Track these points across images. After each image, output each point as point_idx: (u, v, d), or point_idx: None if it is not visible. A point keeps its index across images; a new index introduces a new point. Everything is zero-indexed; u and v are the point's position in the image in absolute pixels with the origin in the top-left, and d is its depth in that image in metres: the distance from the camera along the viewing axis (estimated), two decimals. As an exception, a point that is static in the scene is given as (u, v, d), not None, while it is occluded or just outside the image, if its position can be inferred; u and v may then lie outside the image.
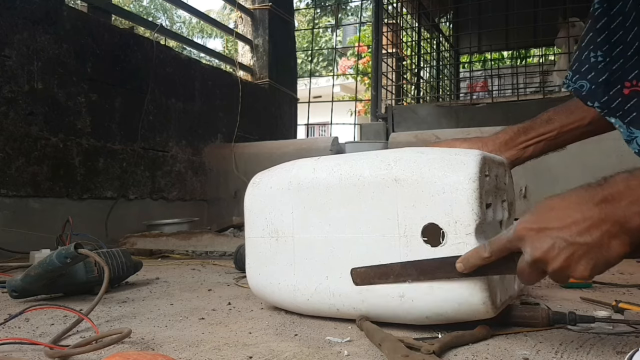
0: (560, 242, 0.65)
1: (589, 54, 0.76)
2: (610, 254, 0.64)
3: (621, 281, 1.39)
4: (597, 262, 0.64)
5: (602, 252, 0.64)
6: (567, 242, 0.64)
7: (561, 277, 0.68)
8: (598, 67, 0.75)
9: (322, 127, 10.92)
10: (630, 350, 0.67)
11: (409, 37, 5.56)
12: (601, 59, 0.74)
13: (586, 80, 0.76)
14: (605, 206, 0.63)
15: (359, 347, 0.78)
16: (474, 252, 0.75)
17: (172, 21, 14.63)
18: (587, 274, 0.65)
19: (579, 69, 0.77)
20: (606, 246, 0.63)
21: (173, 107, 2.94)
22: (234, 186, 3.05)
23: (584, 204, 0.64)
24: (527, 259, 0.68)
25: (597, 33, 0.75)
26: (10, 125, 2.05)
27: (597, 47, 0.75)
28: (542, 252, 0.66)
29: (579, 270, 0.65)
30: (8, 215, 2.03)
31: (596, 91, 0.75)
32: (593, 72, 0.75)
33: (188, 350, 0.78)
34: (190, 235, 2.17)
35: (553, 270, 0.66)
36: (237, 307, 1.10)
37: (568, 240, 0.64)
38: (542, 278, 0.71)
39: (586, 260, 0.64)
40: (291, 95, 4.26)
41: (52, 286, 1.18)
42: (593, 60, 0.75)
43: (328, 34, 11.71)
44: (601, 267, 0.65)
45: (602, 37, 0.74)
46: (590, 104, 0.76)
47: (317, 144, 3.05)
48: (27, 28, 2.13)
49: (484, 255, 0.73)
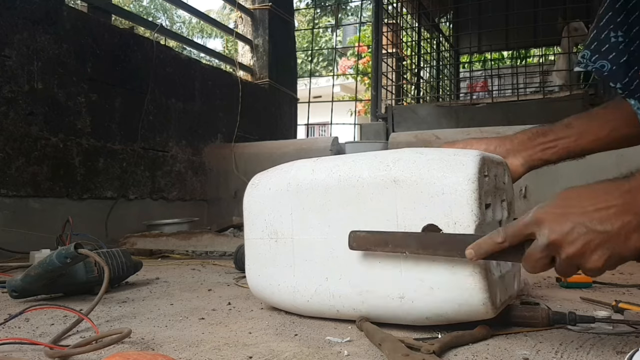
0: (580, 228, 0.63)
1: (609, 33, 0.74)
2: (627, 247, 0.62)
3: (621, 281, 1.39)
4: (612, 254, 0.62)
5: (620, 244, 0.62)
6: (588, 229, 0.62)
7: (570, 267, 0.66)
8: (619, 48, 0.73)
9: (322, 127, 10.92)
10: (630, 350, 0.67)
11: (409, 37, 5.57)
12: (621, 39, 0.73)
13: (607, 60, 0.74)
14: (629, 197, 0.62)
15: (359, 347, 0.78)
16: (487, 238, 0.71)
17: (172, 21, 14.63)
18: (600, 265, 0.63)
19: (599, 49, 0.75)
20: (624, 238, 0.61)
21: (173, 107, 2.94)
22: (234, 186, 3.05)
23: (609, 194, 0.63)
24: (542, 242, 0.65)
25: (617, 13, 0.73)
26: (10, 125, 2.05)
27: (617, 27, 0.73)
28: (561, 235, 0.64)
29: (592, 260, 0.63)
30: (8, 215, 2.03)
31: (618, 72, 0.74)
32: (614, 53, 0.74)
33: (188, 350, 0.78)
34: (190, 235, 2.18)
35: (567, 256, 0.64)
36: (237, 307, 1.10)
37: (588, 227, 0.62)
38: (549, 268, 0.68)
39: (602, 251, 0.63)
40: (291, 95, 4.26)
41: (52, 286, 1.18)
42: (614, 41, 0.74)
43: (328, 34, 11.71)
44: (615, 260, 0.63)
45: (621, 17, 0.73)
46: (613, 84, 0.75)
47: (317, 144, 3.06)
48: (27, 28, 2.13)
49: (498, 240, 0.70)
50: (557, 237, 0.64)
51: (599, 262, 0.63)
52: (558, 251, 0.65)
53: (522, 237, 0.69)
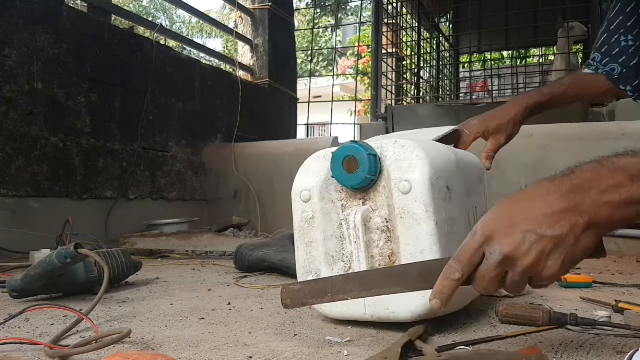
0: (530, 236, 0.59)
1: (619, 37, 0.76)
2: (578, 248, 0.60)
3: (621, 281, 1.40)
4: (567, 257, 0.60)
5: (571, 245, 0.59)
6: (538, 236, 0.59)
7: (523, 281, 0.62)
8: (629, 52, 0.75)
9: (322, 127, 10.92)
10: (630, 350, 0.67)
11: (409, 37, 5.57)
12: (632, 43, 0.75)
13: (617, 64, 0.76)
14: (574, 197, 0.59)
15: (359, 347, 0.78)
16: (444, 280, 0.64)
17: (172, 21, 14.63)
18: (556, 270, 0.60)
19: (609, 52, 0.77)
20: (575, 239, 0.59)
21: (173, 107, 2.94)
22: (234, 186, 3.05)
23: (551, 195, 0.60)
24: (495, 259, 0.61)
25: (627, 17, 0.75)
26: (10, 125, 2.05)
27: (628, 31, 0.75)
28: (513, 248, 0.60)
29: (548, 267, 0.60)
30: (8, 215, 2.03)
31: (628, 75, 0.76)
32: (624, 56, 0.76)
33: (188, 350, 0.78)
34: (190, 235, 2.18)
35: (524, 268, 0.60)
36: (237, 307, 1.10)
37: (539, 234, 0.59)
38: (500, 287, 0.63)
39: (556, 256, 0.60)
40: (291, 95, 4.25)
41: (52, 286, 1.18)
42: (624, 44, 0.75)
43: (328, 34, 11.71)
44: (569, 263, 0.60)
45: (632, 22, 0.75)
46: (623, 87, 0.77)
47: (317, 144, 3.05)
48: (27, 28, 2.13)
49: (456, 277, 0.63)
50: (509, 250, 0.60)
51: (555, 267, 0.60)
52: (513, 265, 0.61)
53: (477, 262, 0.63)
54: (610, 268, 1.72)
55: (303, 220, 0.93)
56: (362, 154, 0.85)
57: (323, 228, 0.91)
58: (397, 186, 0.85)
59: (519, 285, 0.62)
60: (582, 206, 0.58)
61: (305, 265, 0.93)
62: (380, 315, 0.87)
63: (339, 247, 0.91)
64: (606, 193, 0.58)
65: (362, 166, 0.85)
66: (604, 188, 0.58)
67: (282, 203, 2.92)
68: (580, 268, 1.71)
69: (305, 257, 0.94)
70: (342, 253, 0.91)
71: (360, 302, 0.88)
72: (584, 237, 0.59)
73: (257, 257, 1.60)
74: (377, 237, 0.87)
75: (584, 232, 0.59)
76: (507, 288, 0.63)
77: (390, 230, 0.87)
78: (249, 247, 1.65)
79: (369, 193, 0.88)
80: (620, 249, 2.18)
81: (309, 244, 0.93)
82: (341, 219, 0.90)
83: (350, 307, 0.89)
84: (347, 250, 0.90)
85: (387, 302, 0.85)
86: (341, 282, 0.75)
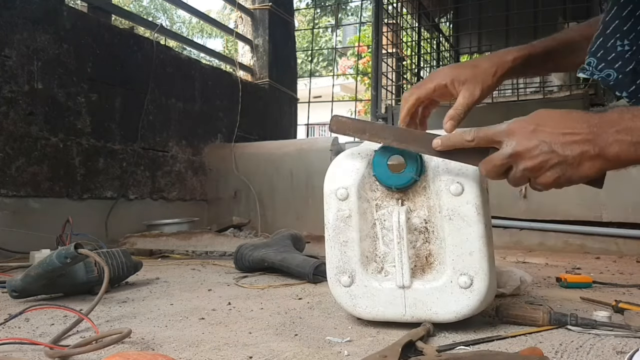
0: (543, 146, 0.69)
1: (615, 42, 0.75)
2: (577, 173, 0.69)
3: (621, 281, 1.40)
4: (563, 175, 0.69)
5: (572, 169, 0.69)
6: (550, 149, 0.69)
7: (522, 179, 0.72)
8: (625, 57, 0.74)
9: (322, 127, 10.92)
10: (630, 350, 0.67)
11: (409, 37, 5.56)
12: (628, 48, 0.74)
13: (613, 69, 0.76)
14: (595, 130, 0.67)
15: (359, 347, 0.78)
16: (457, 134, 0.77)
17: (172, 21, 14.63)
18: (549, 182, 0.70)
19: (605, 57, 0.76)
20: (578, 164, 0.68)
21: (173, 107, 2.93)
22: (234, 186, 3.05)
23: (578, 122, 0.68)
24: (507, 151, 0.71)
25: (624, 21, 0.74)
26: (10, 125, 2.05)
27: (624, 35, 0.74)
28: (525, 149, 0.70)
29: (544, 176, 0.70)
30: (8, 215, 2.03)
31: (624, 80, 0.75)
32: (620, 61, 0.75)
33: (188, 350, 0.78)
34: (190, 235, 2.17)
35: (524, 167, 0.70)
36: (237, 307, 1.10)
37: (551, 147, 0.68)
38: (503, 177, 0.74)
39: (555, 170, 0.69)
40: (291, 95, 4.25)
41: (52, 286, 1.18)
42: (620, 49, 0.75)
43: (328, 34, 11.71)
44: (563, 181, 0.70)
45: (628, 25, 0.74)
46: (619, 93, 0.76)
47: (317, 144, 3.05)
48: (27, 28, 2.13)
49: (467, 138, 0.75)
50: (521, 149, 0.70)
51: (549, 179, 0.70)
52: (517, 162, 0.71)
53: (489, 143, 0.74)
54: (610, 268, 1.72)
55: (339, 218, 0.91)
56: (410, 153, 0.86)
57: (359, 227, 0.90)
58: (447, 187, 0.85)
59: (517, 180, 0.73)
60: (598, 139, 0.66)
61: (339, 265, 0.91)
62: (421, 316, 0.86)
63: (372, 247, 0.90)
64: (621, 132, 0.66)
65: (409, 166, 0.86)
66: (621, 128, 0.66)
67: (282, 203, 2.93)
68: (581, 268, 1.71)
69: (340, 256, 0.91)
70: (374, 253, 0.90)
71: (400, 303, 0.87)
72: (587, 164, 0.68)
73: (257, 257, 1.60)
74: (414, 238, 0.87)
75: (588, 162, 0.68)
76: (507, 179, 0.75)
77: (429, 231, 0.87)
78: (249, 247, 1.65)
79: (407, 193, 0.88)
80: (620, 249, 2.18)
81: (344, 244, 0.91)
82: (375, 218, 0.90)
83: (387, 309, 0.88)
84: (380, 250, 0.90)
85: (430, 303, 0.85)
86: (379, 128, 0.87)
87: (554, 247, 2.29)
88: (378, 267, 0.90)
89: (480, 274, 0.83)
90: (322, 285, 1.36)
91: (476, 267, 0.83)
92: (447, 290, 0.84)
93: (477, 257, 0.83)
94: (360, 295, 0.90)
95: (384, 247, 0.89)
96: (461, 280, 0.83)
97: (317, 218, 1.21)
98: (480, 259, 0.83)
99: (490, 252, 0.86)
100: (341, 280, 0.90)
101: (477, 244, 0.83)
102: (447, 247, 0.85)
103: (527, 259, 1.96)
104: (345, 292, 0.91)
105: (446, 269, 0.85)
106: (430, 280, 0.86)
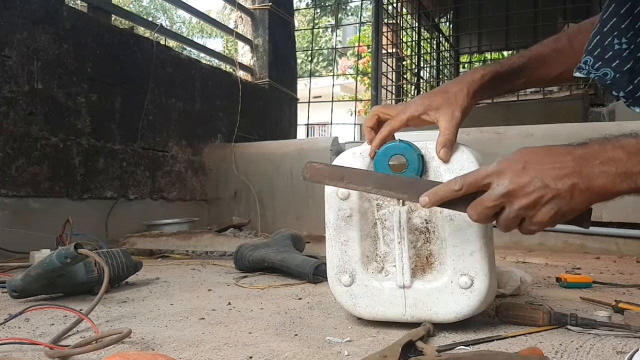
0: (537, 182, 0.68)
1: (613, 40, 0.73)
2: (570, 206, 0.68)
3: (621, 281, 1.40)
4: (558, 210, 0.68)
5: (566, 202, 0.68)
6: (543, 184, 0.68)
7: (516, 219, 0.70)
8: (623, 55, 0.73)
9: (322, 127, 10.92)
10: (630, 350, 0.67)
11: (409, 37, 5.57)
12: (626, 47, 0.72)
13: (610, 68, 0.74)
14: (580, 162, 0.67)
15: (359, 347, 0.78)
16: (444, 186, 0.75)
17: (172, 21, 14.63)
18: (546, 219, 0.69)
19: (602, 56, 0.74)
20: (570, 198, 0.68)
21: (173, 107, 2.93)
22: (234, 186, 3.05)
23: (564, 156, 0.69)
24: (499, 191, 0.69)
25: (622, 18, 0.72)
26: (10, 125, 2.05)
27: (622, 33, 0.72)
28: (519, 186, 0.68)
29: (541, 213, 0.69)
30: (8, 215, 2.03)
31: (621, 80, 0.73)
32: (617, 60, 0.73)
33: (188, 350, 0.78)
34: (190, 235, 2.17)
35: (520, 206, 0.69)
36: (237, 307, 1.10)
37: (544, 182, 0.68)
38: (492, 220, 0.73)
39: (551, 207, 0.68)
40: (291, 95, 4.25)
41: (52, 286, 1.18)
42: (617, 48, 0.73)
43: (328, 34, 11.71)
44: (559, 216, 0.69)
45: (626, 23, 0.72)
46: (616, 93, 0.75)
47: (317, 144, 3.05)
48: (27, 28, 2.13)
49: (455, 188, 0.73)
50: (515, 187, 0.69)
51: (545, 216, 0.69)
52: (511, 201, 0.69)
53: (479, 187, 0.72)
54: (610, 268, 1.72)
55: (339, 218, 0.91)
56: (412, 153, 0.86)
57: (360, 227, 0.90)
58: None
59: (510, 222, 0.71)
60: (585, 171, 0.67)
61: (340, 265, 0.91)
62: (421, 316, 0.86)
63: (373, 247, 0.91)
64: (605, 164, 0.66)
65: (411, 166, 0.86)
66: (604, 159, 0.66)
67: (282, 203, 2.93)
68: (581, 268, 1.71)
69: (340, 256, 0.91)
70: (375, 253, 0.91)
71: (400, 303, 0.87)
72: (578, 198, 0.68)
73: (257, 257, 1.60)
74: (415, 238, 0.88)
75: (580, 195, 0.67)
76: (498, 222, 0.72)
77: (430, 232, 0.87)
78: (249, 247, 1.65)
79: None
80: (620, 249, 2.18)
81: (344, 243, 0.91)
82: (376, 218, 0.90)
83: (387, 309, 0.88)
84: (380, 250, 0.90)
85: (430, 303, 0.85)
86: (359, 175, 0.83)
87: (554, 247, 2.29)
88: (378, 267, 0.90)
89: (481, 275, 0.83)
90: (322, 285, 1.36)
91: (477, 268, 0.83)
92: (448, 291, 0.84)
93: (477, 257, 0.83)
94: (360, 294, 0.90)
95: (384, 247, 0.89)
96: (462, 280, 0.83)
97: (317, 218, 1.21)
98: (480, 260, 0.83)
99: (490, 252, 0.86)
100: (342, 279, 0.91)
101: (477, 244, 0.84)
102: (448, 247, 0.85)
103: (527, 259, 1.97)
104: (346, 291, 0.91)
105: (447, 269, 0.85)
106: (430, 281, 0.86)
